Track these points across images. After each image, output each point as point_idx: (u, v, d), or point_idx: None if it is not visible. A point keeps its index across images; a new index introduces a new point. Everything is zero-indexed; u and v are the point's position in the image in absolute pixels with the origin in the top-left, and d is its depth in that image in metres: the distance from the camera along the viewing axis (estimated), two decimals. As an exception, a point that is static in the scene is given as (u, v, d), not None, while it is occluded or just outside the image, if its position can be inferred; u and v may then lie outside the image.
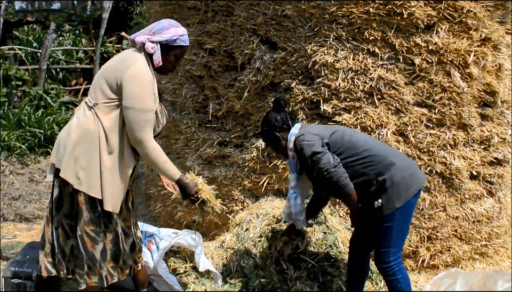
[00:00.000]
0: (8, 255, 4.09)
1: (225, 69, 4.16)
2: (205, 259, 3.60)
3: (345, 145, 2.89)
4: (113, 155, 2.71)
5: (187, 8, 4.28)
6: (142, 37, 2.76)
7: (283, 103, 3.08)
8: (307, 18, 3.79)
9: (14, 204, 5.48)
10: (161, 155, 2.75)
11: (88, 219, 2.74)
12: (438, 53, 3.76)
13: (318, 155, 2.81)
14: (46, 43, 10.26)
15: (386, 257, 2.91)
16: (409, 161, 3.04)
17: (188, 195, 2.91)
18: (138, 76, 2.66)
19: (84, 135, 2.71)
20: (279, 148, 3.10)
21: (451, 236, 3.95)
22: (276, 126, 3.04)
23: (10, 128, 7.50)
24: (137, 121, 2.66)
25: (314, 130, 2.97)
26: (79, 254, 2.78)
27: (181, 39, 2.78)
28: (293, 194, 3.13)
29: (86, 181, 2.68)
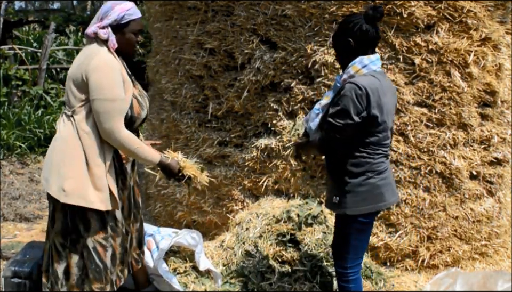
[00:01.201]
0: (8, 255, 4.09)
1: (225, 69, 4.16)
2: (205, 258, 3.61)
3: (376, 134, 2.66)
4: (96, 157, 2.62)
5: (187, 8, 4.28)
6: (92, 27, 2.67)
7: (378, 16, 2.63)
8: (307, 18, 3.79)
9: (14, 204, 5.48)
10: (136, 142, 2.65)
11: (98, 228, 2.69)
12: (438, 53, 3.76)
13: (342, 111, 2.56)
14: (46, 43, 10.26)
15: (344, 263, 2.83)
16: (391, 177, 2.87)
17: (171, 175, 2.81)
18: (102, 67, 2.58)
19: (64, 147, 2.64)
20: (339, 57, 2.78)
21: (451, 236, 3.95)
22: (353, 34, 2.64)
23: (10, 127, 7.50)
24: (105, 111, 2.56)
25: (372, 91, 2.57)
26: (95, 267, 2.70)
27: (129, 13, 2.68)
28: (317, 109, 2.83)
29: (73, 193, 2.60)
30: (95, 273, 2.71)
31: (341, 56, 2.74)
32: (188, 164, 2.85)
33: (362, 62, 2.63)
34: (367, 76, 2.61)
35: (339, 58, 2.79)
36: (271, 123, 3.95)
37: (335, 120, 2.58)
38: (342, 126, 2.57)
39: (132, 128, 2.79)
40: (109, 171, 2.67)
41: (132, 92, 2.71)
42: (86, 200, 2.61)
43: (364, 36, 2.62)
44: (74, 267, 2.71)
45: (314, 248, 3.56)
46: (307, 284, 3.44)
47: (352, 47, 2.64)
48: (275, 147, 3.91)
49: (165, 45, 4.55)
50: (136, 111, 2.74)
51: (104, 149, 2.65)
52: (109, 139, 2.61)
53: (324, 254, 3.52)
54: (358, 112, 2.55)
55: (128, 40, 2.72)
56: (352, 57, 2.66)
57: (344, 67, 2.72)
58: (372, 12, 2.60)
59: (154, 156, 2.72)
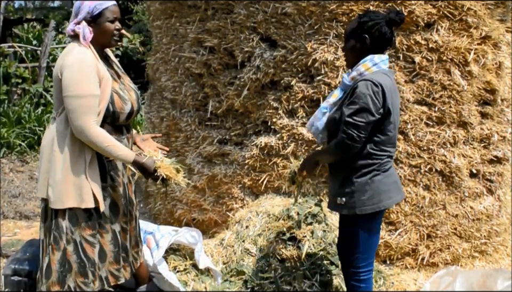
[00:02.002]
0: (8, 253, 4.09)
1: (225, 67, 4.15)
2: (204, 256, 3.61)
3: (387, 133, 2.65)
4: (75, 157, 2.63)
5: (187, 6, 4.27)
6: (70, 25, 2.69)
7: (399, 21, 2.64)
8: (307, 16, 3.79)
9: (14, 202, 5.48)
10: (107, 140, 2.61)
11: (84, 225, 2.70)
12: (438, 51, 3.76)
13: (363, 109, 2.53)
14: (46, 41, 10.25)
15: (356, 262, 2.80)
16: (396, 175, 2.88)
17: (147, 174, 2.76)
18: (73, 63, 2.57)
19: (47, 151, 2.68)
20: (351, 52, 2.72)
21: (451, 234, 3.95)
22: (371, 33, 2.63)
23: (10, 125, 7.50)
24: (75, 108, 2.54)
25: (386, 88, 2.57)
26: (80, 262, 2.72)
27: (99, 4, 2.67)
28: (324, 108, 2.80)
29: (54, 197, 2.64)
30: (79, 267, 2.72)
31: (351, 52, 2.71)
32: (164, 164, 2.78)
33: (373, 60, 2.63)
34: (378, 74, 2.61)
35: (349, 54, 2.74)
36: (271, 122, 3.95)
37: (354, 119, 2.54)
38: (364, 125, 2.54)
39: (120, 123, 2.78)
40: (91, 169, 2.67)
41: (112, 87, 2.69)
42: (68, 203, 2.64)
43: (381, 37, 2.64)
44: (56, 263, 2.72)
45: (314, 246, 3.56)
46: (306, 282, 3.44)
47: (366, 45, 2.65)
48: (275, 145, 3.91)
49: (165, 43, 4.55)
50: (118, 106, 2.71)
51: (83, 150, 2.65)
52: (80, 136, 2.59)
53: (324, 253, 3.52)
54: (376, 109, 2.55)
55: (105, 29, 2.70)
56: (362, 54, 2.66)
57: (351, 64, 2.72)
58: (395, 16, 2.62)
59: (128, 155, 2.68)
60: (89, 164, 2.66)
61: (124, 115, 2.76)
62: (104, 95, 2.63)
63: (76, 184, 2.63)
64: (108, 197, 2.79)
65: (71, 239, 2.70)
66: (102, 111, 2.64)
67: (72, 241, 2.70)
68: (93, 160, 2.68)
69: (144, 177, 2.84)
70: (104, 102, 2.64)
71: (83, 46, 2.64)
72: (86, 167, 2.65)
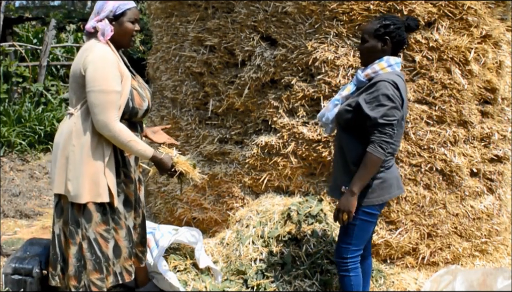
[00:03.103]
0: (8, 251, 4.09)
1: (225, 66, 4.15)
2: (205, 256, 3.61)
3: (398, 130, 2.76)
4: (93, 153, 2.67)
5: (187, 5, 4.27)
6: (91, 22, 2.73)
7: (415, 28, 2.82)
8: (307, 15, 3.78)
9: (14, 201, 5.49)
10: (129, 136, 2.67)
11: (99, 220, 2.72)
12: (438, 50, 3.76)
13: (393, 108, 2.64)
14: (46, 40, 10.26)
15: (344, 253, 2.89)
16: (397, 171, 2.98)
17: (164, 170, 2.85)
18: (97, 59, 2.61)
19: (63, 147, 2.70)
20: (370, 52, 2.81)
21: (451, 233, 3.95)
22: (392, 34, 2.76)
23: (10, 124, 7.51)
24: (99, 103, 2.59)
25: (401, 88, 2.70)
26: (95, 259, 2.74)
27: (123, 3, 2.73)
28: (336, 100, 2.93)
29: (74, 191, 2.66)
30: (94, 263, 2.74)
31: (370, 52, 2.80)
32: (181, 160, 2.88)
33: (388, 61, 2.76)
34: (393, 74, 2.72)
35: (366, 53, 2.83)
36: (271, 121, 3.95)
37: (387, 119, 2.63)
38: (396, 121, 2.66)
39: (136, 119, 2.83)
40: (108, 165, 2.70)
41: (131, 84, 2.74)
42: (85, 197, 2.67)
43: (401, 41, 2.80)
44: (72, 257, 2.75)
45: (314, 245, 3.56)
46: (307, 281, 3.45)
47: (387, 47, 2.78)
48: (275, 144, 3.91)
49: (165, 42, 4.54)
50: (137, 102, 2.77)
51: (102, 145, 2.67)
52: (102, 131, 2.63)
53: (324, 252, 3.53)
54: (400, 104, 2.67)
55: (126, 29, 2.75)
56: (380, 55, 2.78)
57: (366, 62, 2.83)
58: (412, 23, 2.79)
59: (147, 151, 2.74)
60: (107, 160, 2.69)
61: (142, 112, 2.82)
62: (124, 91, 2.69)
63: (93, 179, 2.66)
64: (121, 193, 2.83)
65: (85, 236, 2.72)
66: (122, 107, 2.69)
67: (86, 238, 2.72)
68: (110, 155, 2.72)
69: (160, 173, 2.90)
70: (124, 98, 2.69)
71: (103, 43, 2.69)
72: (104, 162, 2.68)
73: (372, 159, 2.66)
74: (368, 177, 2.71)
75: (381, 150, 2.64)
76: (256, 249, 3.64)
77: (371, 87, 2.71)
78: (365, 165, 2.68)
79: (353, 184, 2.71)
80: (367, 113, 2.66)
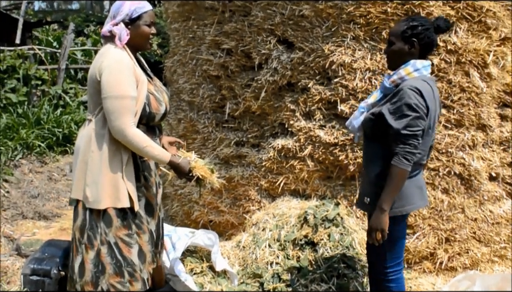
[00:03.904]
0: (27, 252, 4.13)
1: (242, 69, 4.16)
2: (221, 259, 3.61)
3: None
4: (112, 158, 2.66)
5: (204, 9, 4.29)
6: (107, 26, 2.72)
7: (445, 29, 2.67)
8: (324, 18, 3.78)
9: (33, 202, 5.54)
10: (145, 141, 2.65)
11: (119, 225, 2.72)
12: (456, 53, 3.73)
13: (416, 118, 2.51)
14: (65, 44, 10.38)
15: (383, 262, 2.77)
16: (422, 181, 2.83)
17: (182, 175, 2.82)
18: (112, 65, 2.60)
19: (83, 152, 2.71)
20: (397, 55, 2.68)
21: (470, 238, 3.91)
22: (420, 36, 2.61)
23: (29, 126, 7.59)
24: (114, 109, 2.58)
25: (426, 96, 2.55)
26: (116, 262, 2.73)
27: (139, 7, 2.72)
28: (362, 108, 2.80)
29: (93, 197, 2.67)
30: (115, 267, 2.73)
31: (397, 55, 2.68)
32: (199, 165, 2.84)
33: (415, 65, 2.62)
34: (418, 80, 2.58)
35: (393, 56, 2.70)
36: (288, 124, 3.95)
37: (410, 130, 2.52)
38: (420, 132, 2.54)
39: (154, 123, 2.81)
40: (127, 170, 2.70)
41: (147, 89, 2.73)
42: (105, 202, 2.67)
43: (429, 43, 2.64)
44: (89, 263, 2.74)
45: (330, 249, 3.55)
46: (323, 285, 3.43)
47: (414, 49, 2.64)
48: (292, 147, 3.90)
49: (183, 45, 4.57)
50: (154, 107, 2.75)
51: (120, 150, 2.68)
52: (118, 137, 2.63)
53: (340, 256, 3.51)
54: (424, 113, 2.54)
55: (142, 32, 2.74)
56: (407, 58, 2.64)
57: (394, 66, 2.69)
58: (442, 24, 2.64)
59: (164, 156, 2.73)
60: (125, 165, 2.69)
61: (159, 116, 2.81)
62: (140, 96, 2.67)
63: (112, 184, 2.66)
64: (142, 197, 2.82)
65: (105, 240, 2.72)
66: (138, 112, 2.68)
67: (106, 243, 2.72)
68: (129, 160, 2.71)
69: (179, 177, 2.89)
70: (140, 103, 2.67)
71: (119, 48, 2.68)
72: (123, 167, 2.68)
73: (397, 172, 2.54)
74: (396, 191, 2.58)
75: (406, 162, 2.53)
76: (272, 252, 3.64)
77: (395, 95, 2.59)
78: (391, 179, 2.56)
79: (382, 201, 2.58)
80: (390, 123, 2.56)
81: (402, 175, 2.55)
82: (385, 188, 2.58)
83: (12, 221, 4.97)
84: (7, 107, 8.54)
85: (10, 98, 8.79)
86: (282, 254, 3.60)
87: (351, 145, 3.79)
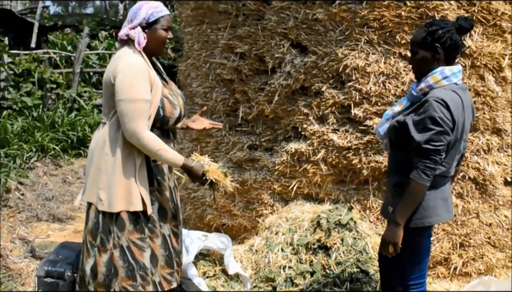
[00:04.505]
0: (41, 254, 4.17)
1: (255, 73, 4.17)
2: (234, 262, 3.62)
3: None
4: (125, 162, 2.67)
5: (218, 12, 4.30)
6: (124, 30, 2.73)
7: (469, 27, 2.52)
8: (338, 22, 3.77)
9: (47, 205, 5.58)
10: (158, 144, 2.65)
11: (132, 228, 2.72)
12: (471, 57, 3.70)
13: (440, 132, 2.40)
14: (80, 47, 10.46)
15: (404, 275, 2.68)
16: (447, 193, 2.71)
17: (195, 178, 2.81)
18: (127, 68, 2.61)
19: (97, 155, 2.72)
20: (421, 64, 2.56)
21: (484, 243, 3.88)
22: (442, 40, 2.48)
23: (44, 129, 7.65)
24: (127, 112, 2.58)
25: (454, 108, 2.42)
26: (128, 266, 2.73)
27: (156, 11, 2.72)
28: (387, 115, 2.70)
29: (107, 200, 2.68)
30: (127, 270, 2.73)
31: (421, 63, 2.56)
32: (212, 168, 2.82)
33: (443, 72, 2.49)
34: (447, 90, 2.47)
35: (418, 66, 2.58)
36: (301, 127, 3.94)
37: (433, 144, 2.41)
38: (443, 147, 2.44)
39: (168, 127, 2.82)
40: (140, 173, 2.71)
41: (162, 92, 2.73)
42: (118, 206, 2.68)
43: (453, 45, 2.51)
44: (102, 266, 2.75)
45: (343, 253, 3.54)
46: (336, 290, 3.42)
47: (438, 54, 2.51)
48: (305, 151, 3.90)
49: (196, 49, 4.58)
50: (168, 111, 2.76)
51: (134, 153, 2.69)
52: (131, 140, 2.64)
53: (354, 261, 3.50)
54: (449, 128, 2.43)
55: (159, 37, 2.75)
56: (433, 65, 2.53)
57: (420, 75, 2.58)
58: (464, 23, 2.50)
59: (177, 160, 2.73)
60: (138, 168, 2.70)
61: (173, 120, 2.81)
62: (154, 100, 2.68)
63: (125, 188, 2.67)
64: (155, 201, 2.82)
65: (117, 244, 2.72)
66: (152, 115, 2.68)
67: (118, 246, 2.72)
68: (142, 164, 2.72)
69: (192, 181, 2.88)
70: (154, 106, 2.68)
71: (135, 51, 2.69)
72: (136, 170, 2.69)
73: (415, 186, 2.45)
74: (412, 206, 2.49)
75: (425, 176, 2.43)
76: (285, 256, 3.63)
77: (421, 105, 2.46)
78: (408, 194, 2.47)
79: (397, 214, 2.50)
80: (412, 135, 2.45)
81: (420, 189, 2.46)
82: (401, 201, 2.51)
83: (26, 223, 5.01)
84: (22, 111, 8.63)
85: (25, 102, 8.88)
86: (295, 259, 3.59)
87: (364, 149, 3.78)
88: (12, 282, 3.73)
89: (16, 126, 7.52)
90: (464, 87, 2.59)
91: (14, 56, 9.72)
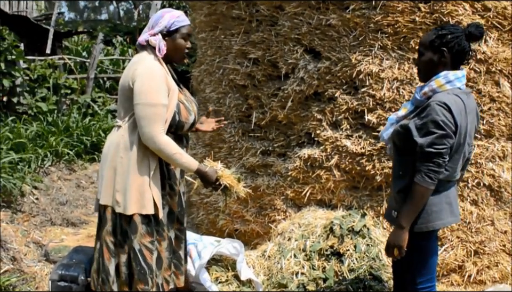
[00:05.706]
0: (55, 258, 4.19)
1: (269, 78, 4.17)
2: (246, 268, 3.61)
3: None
4: (139, 166, 2.70)
5: (231, 18, 4.32)
6: (144, 36, 2.78)
7: (479, 35, 2.52)
8: (352, 27, 3.77)
9: (61, 209, 5.61)
10: (174, 148, 2.69)
11: (144, 232, 2.75)
12: (486, 62, 3.68)
13: (442, 136, 2.40)
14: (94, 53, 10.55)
15: (414, 278, 2.65)
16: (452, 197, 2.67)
17: (208, 183, 2.85)
18: (146, 73, 2.66)
19: (111, 158, 2.75)
20: (427, 66, 2.57)
21: (499, 251, 3.83)
22: (450, 45, 2.49)
23: (58, 134, 7.71)
24: (145, 115, 2.63)
25: (456, 112, 2.43)
26: (140, 269, 2.76)
27: (178, 20, 2.77)
28: (392, 120, 2.71)
29: (123, 202, 2.71)
30: (140, 274, 2.77)
31: (427, 66, 2.57)
32: (226, 174, 2.87)
33: (447, 77, 2.50)
34: (450, 94, 2.47)
35: (423, 68, 2.60)
36: (314, 133, 3.94)
37: (436, 148, 2.41)
38: (446, 150, 2.43)
39: (182, 132, 2.86)
40: (154, 177, 2.74)
41: (178, 98, 2.78)
42: (131, 208, 2.71)
43: (460, 52, 2.52)
44: (122, 265, 2.80)
45: (356, 260, 3.52)
46: (349, 296, 3.40)
47: (444, 59, 2.52)
48: (318, 157, 3.89)
49: (210, 54, 4.60)
50: (183, 116, 2.80)
51: (148, 157, 2.71)
52: (148, 143, 2.67)
53: (367, 267, 3.48)
54: (452, 131, 2.43)
55: (178, 45, 2.80)
56: (438, 69, 2.54)
57: (425, 78, 2.59)
58: (474, 30, 2.50)
59: (192, 164, 2.76)
60: (152, 172, 2.73)
61: (188, 125, 2.86)
62: (171, 105, 2.72)
63: (139, 191, 2.70)
64: (165, 205, 2.86)
65: (131, 246, 2.77)
66: (168, 120, 2.72)
67: (132, 249, 2.77)
68: (156, 167, 2.76)
69: (205, 186, 2.91)
70: (170, 111, 2.72)
71: (153, 57, 2.74)
72: (150, 174, 2.73)
73: (418, 190, 2.44)
74: (416, 209, 2.48)
75: (428, 180, 2.42)
76: (298, 262, 3.62)
77: (424, 110, 2.47)
78: (412, 197, 2.47)
79: (401, 217, 2.49)
80: (415, 139, 2.45)
81: (424, 193, 2.45)
82: (405, 205, 2.50)
83: (40, 227, 5.04)
84: (37, 116, 8.70)
85: (40, 107, 8.96)
86: (307, 265, 3.57)
87: (378, 155, 3.76)
88: (26, 286, 3.75)
89: (31, 131, 7.58)
90: (467, 92, 2.60)
91: (30, 62, 9.82)
